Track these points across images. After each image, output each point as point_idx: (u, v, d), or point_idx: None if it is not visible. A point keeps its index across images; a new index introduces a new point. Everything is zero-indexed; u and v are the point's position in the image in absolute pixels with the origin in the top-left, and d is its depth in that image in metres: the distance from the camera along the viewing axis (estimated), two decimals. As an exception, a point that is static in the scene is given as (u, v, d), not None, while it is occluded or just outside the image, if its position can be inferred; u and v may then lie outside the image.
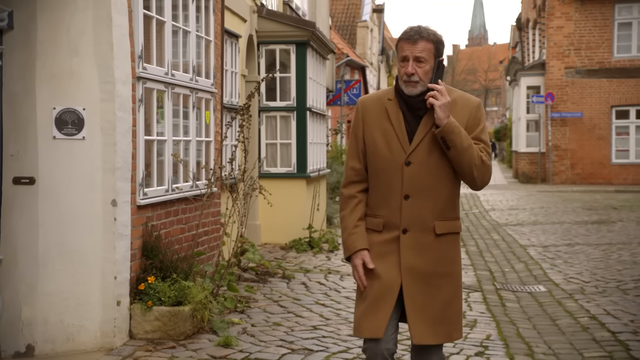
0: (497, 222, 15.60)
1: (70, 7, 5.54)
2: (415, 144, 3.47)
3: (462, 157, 3.42)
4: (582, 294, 8.17)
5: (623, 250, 11.23)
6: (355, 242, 3.52)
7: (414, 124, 3.50)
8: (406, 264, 3.46)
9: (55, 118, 5.55)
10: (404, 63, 3.47)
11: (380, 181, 3.54)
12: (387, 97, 3.57)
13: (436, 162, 3.45)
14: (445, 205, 3.51)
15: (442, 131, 3.40)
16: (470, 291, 8.39)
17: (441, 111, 3.39)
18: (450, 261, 3.54)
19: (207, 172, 7.34)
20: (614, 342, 6.16)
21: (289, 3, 13.79)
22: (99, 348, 5.60)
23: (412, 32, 3.45)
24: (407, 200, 3.47)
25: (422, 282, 3.47)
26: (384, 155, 3.51)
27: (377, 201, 3.56)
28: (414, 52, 3.43)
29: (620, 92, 26.57)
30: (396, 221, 3.48)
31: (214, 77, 7.78)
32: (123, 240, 5.71)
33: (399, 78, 3.52)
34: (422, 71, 3.44)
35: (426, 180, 3.46)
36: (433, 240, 3.48)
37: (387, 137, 3.51)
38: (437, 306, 3.48)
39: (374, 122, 3.55)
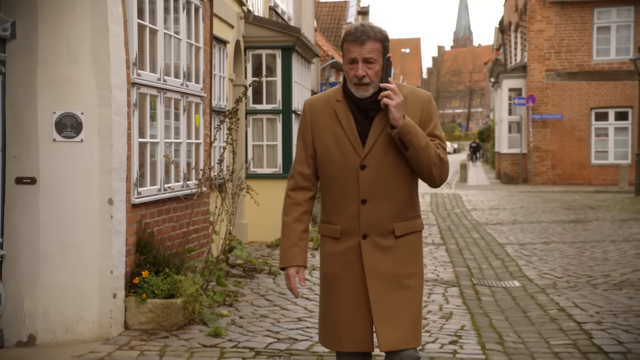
0: (477, 221, 16.02)
1: (69, 16, 5.90)
2: (369, 146, 3.34)
3: (421, 157, 3.30)
4: (554, 289, 8.58)
5: (596, 248, 11.67)
6: (295, 257, 3.45)
7: (365, 125, 3.37)
8: (370, 270, 3.36)
9: (55, 122, 5.91)
10: (353, 65, 3.31)
11: (335, 187, 3.42)
12: (335, 99, 3.42)
13: (392, 164, 3.34)
14: (404, 206, 3.41)
15: (399, 132, 3.26)
16: (448, 286, 8.78)
17: (397, 111, 3.26)
18: (414, 261, 3.45)
19: (197, 173, 7.71)
20: (579, 331, 6.57)
21: (275, 8, 14.16)
22: (97, 338, 5.96)
23: (358, 33, 3.28)
24: (365, 204, 3.36)
25: (388, 286, 3.37)
26: (337, 160, 3.38)
27: (333, 207, 3.44)
28: (363, 54, 3.27)
29: (600, 95, 27.12)
30: (355, 227, 3.38)
31: (203, 81, 8.15)
32: (119, 237, 6.07)
33: (348, 81, 3.36)
34: (372, 72, 3.30)
35: (383, 183, 3.35)
36: (394, 243, 3.39)
37: (339, 141, 3.38)
38: (407, 309, 3.39)
39: (323, 126, 3.42)
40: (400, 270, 3.38)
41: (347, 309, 3.38)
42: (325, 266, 3.49)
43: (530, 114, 27.60)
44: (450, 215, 17.35)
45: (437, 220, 16.21)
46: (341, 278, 3.40)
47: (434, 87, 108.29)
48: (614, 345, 6.06)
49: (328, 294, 3.46)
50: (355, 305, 3.37)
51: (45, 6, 5.84)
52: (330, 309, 3.44)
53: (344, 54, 3.33)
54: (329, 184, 3.43)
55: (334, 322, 3.42)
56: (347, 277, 3.39)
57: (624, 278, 9.11)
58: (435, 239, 13.10)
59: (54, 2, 5.86)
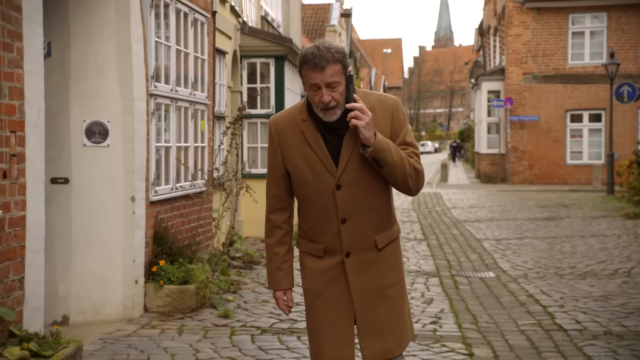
0: (457, 218, 16.91)
1: (97, 37, 6.71)
2: (342, 166, 3.25)
3: (396, 172, 3.24)
4: (525, 279, 9.48)
5: (565, 243, 12.60)
6: (282, 281, 3.45)
7: (336, 144, 3.26)
8: (355, 287, 3.33)
9: (85, 129, 6.73)
10: (316, 92, 3.18)
11: (312, 208, 3.34)
12: (301, 118, 3.30)
13: (367, 180, 3.27)
14: (382, 217, 3.37)
15: (372, 152, 3.17)
16: (429, 277, 9.66)
17: (366, 131, 3.14)
18: (395, 268, 3.42)
19: (202, 173, 8.54)
20: (544, 313, 7.47)
21: (266, 17, 15.00)
22: (121, 319, 6.79)
23: (316, 60, 3.14)
24: (345, 224, 3.29)
25: (375, 298, 3.36)
26: (311, 182, 3.29)
27: (313, 227, 3.38)
28: (325, 79, 3.14)
29: (574, 97, 28.14)
30: (337, 246, 3.32)
31: (208, 90, 8.98)
32: (140, 230, 6.90)
33: (314, 106, 3.23)
34: (337, 94, 3.18)
35: (361, 200, 3.29)
36: (376, 255, 3.36)
37: (311, 163, 3.27)
38: (391, 318, 3.38)
39: (292, 147, 3.30)
40: (383, 281, 3.36)
41: (329, 326, 3.35)
42: (307, 281, 3.43)
43: (508, 115, 28.58)
44: (431, 213, 18.23)
45: (419, 218, 17.09)
46: (322, 295, 3.36)
47: (415, 86, 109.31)
48: (573, 324, 6.96)
49: (310, 309, 3.42)
50: (336, 321, 3.35)
51: (77, 28, 6.66)
52: (312, 325, 3.41)
53: (304, 80, 3.22)
54: (306, 205, 3.35)
55: (315, 338, 3.40)
56: (330, 293, 3.35)
57: (588, 269, 10.03)
58: (417, 235, 13.97)
59: (85, 25, 6.68)
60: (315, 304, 3.38)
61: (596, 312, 7.44)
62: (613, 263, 10.44)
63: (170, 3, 7.68)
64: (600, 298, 8.11)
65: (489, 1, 36.12)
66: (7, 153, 4.86)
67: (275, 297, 3.48)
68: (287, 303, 3.47)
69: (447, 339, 6.44)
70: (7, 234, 4.87)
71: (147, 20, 7.09)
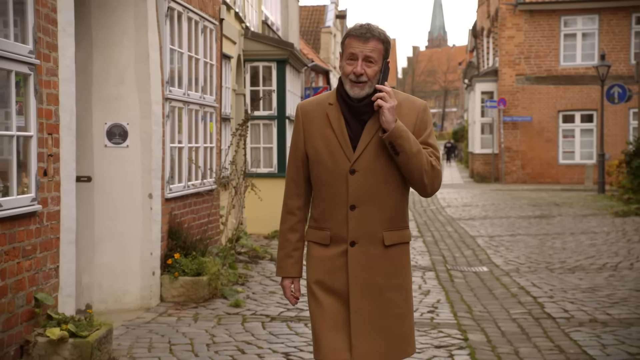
0: (451, 217, 17.42)
1: (117, 46, 7.20)
2: (359, 151, 3.26)
3: (412, 163, 3.23)
4: (517, 272, 9.98)
5: (556, 239, 13.12)
6: (290, 268, 3.43)
7: (357, 129, 3.29)
8: (354, 278, 3.29)
9: (107, 131, 7.21)
10: (352, 62, 3.22)
11: (324, 192, 3.33)
12: (328, 102, 3.34)
13: (383, 169, 3.28)
14: (393, 215, 3.33)
15: (390, 135, 3.19)
16: (426, 271, 10.16)
17: (390, 114, 3.18)
18: (401, 273, 3.36)
19: (211, 172, 9.03)
20: (534, 303, 7.98)
21: (266, 21, 15.49)
22: (139, 307, 7.27)
23: (363, 30, 3.21)
24: (354, 210, 3.27)
25: (373, 297, 3.30)
26: (327, 164, 3.30)
27: (323, 213, 3.35)
28: (365, 51, 3.20)
29: (566, 98, 28.71)
30: (343, 233, 3.29)
31: (216, 93, 9.47)
32: (156, 225, 7.39)
33: (344, 77, 3.27)
34: (371, 72, 3.22)
35: (373, 189, 3.28)
36: (382, 252, 3.30)
37: (330, 145, 3.29)
38: (390, 322, 3.30)
39: (315, 129, 3.33)
40: (385, 281, 3.31)
41: (328, 317, 3.30)
42: (311, 272, 3.39)
43: (502, 116, 29.12)
44: (426, 212, 18.75)
45: (415, 216, 17.60)
46: (325, 284, 3.33)
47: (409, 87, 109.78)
48: (561, 313, 7.47)
49: (313, 300, 3.36)
50: (336, 313, 3.30)
51: (98, 38, 7.14)
52: (313, 314, 3.35)
53: (344, 50, 3.26)
54: (319, 189, 3.36)
55: (315, 327, 3.34)
56: (332, 284, 3.32)
57: (578, 264, 10.54)
58: (414, 232, 14.48)
59: (106, 34, 7.16)
60: (316, 292, 3.33)
61: (583, 302, 7.96)
62: (601, 258, 10.96)
63: (182, 12, 8.17)
64: (588, 290, 8.63)
65: (483, 3, 36.69)
66: (46, 153, 5.34)
67: (283, 286, 3.46)
68: (293, 293, 3.46)
69: (444, 326, 6.94)
70: (45, 226, 5.35)
71: (163, 29, 7.57)
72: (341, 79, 3.29)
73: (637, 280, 9.20)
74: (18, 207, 4.93)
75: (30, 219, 5.13)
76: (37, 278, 5.24)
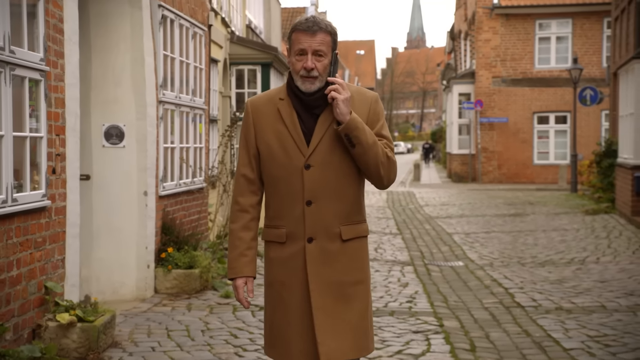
0: (429, 215, 17.96)
1: (114, 51, 7.64)
2: (313, 145, 3.22)
3: (368, 155, 3.20)
4: (490, 267, 10.52)
5: (529, 236, 13.69)
6: (244, 267, 3.30)
7: (310, 123, 3.24)
8: (314, 276, 3.23)
9: (104, 132, 7.65)
10: (301, 57, 3.18)
11: (279, 188, 3.26)
12: (279, 97, 3.28)
13: (338, 163, 3.24)
14: (350, 208, 3.29)
15: (346, 127, 3.15)
16: (404, 265, 10.68)
17: (344, 105, 3.13)
18: (360, 268, 3.32)
19: (201, 171, 9.49)
20: (505, 294, 8.52)
21: (250, 25, 15.96)
22: (135, 298, 7.72)
23: (309, 23, 3.15)
24: (310, 206, 3.22)
25: (333, 293, 3.25)
26: (281, 160, 3.24)
27: (278, 210, 3.29)
28: (313, 45, 3.15)
29: (541, 100, 29.40)
30: (300, 230, 3.23)
31: (205, 96, 9.93)
32: (151, 221, 7.84)
33: (294, 73, 3.22)
34: (321, 65, 3.18)
35: (329, 183, 3.23)
36: (340, 247, 3.26)
37: (282, 141, 3.24)
38: (351, 318, 3.27)
39: (266, 125, 3.27)
40: (345, 277, 3.27)
41: (295, 318, 3.25)
42: (271, 273, 3.33)
43: (479, 117, 29.76)
44: (405, 210, 19.28)
45: (394, 215, 18.13)
46: (288, 285, 3.26)
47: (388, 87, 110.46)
48: (530, 302, 8.01)
49: (275, 303, 3.30)
50: (302, 313, 3.24)
51: (97, 44, 7.58)
52: (279, 318, 3.29)
53: (291, 45, 3.21)
54: (273, 186, 3.29)
55: (282, 332, 3.28)
56: (294, 283, 3.25)
57: (548, 258, 11.11)
58: (393, 230, 15.00)
59: (104, 41, 7.60)
60: (282, 295, 3.27)
61: (550, 292, 8.51)
62: (570, 253, 11.53)
63: (175, 20, 8.62)
64: (556, 282, 9.18)
65: (460, 6, 37.36)
66: (54, 153, 5.78)
67: (235, 286, 3.31)
68: (247, 295, 3.32)
69: (421, 314, 7.45)
70: (54, 221, 5.79)
71: (157, 35, 8.02)
72: (291, 74, 3.26)
73: (601, 272, 9.78)
74: (31, 202, 5.37)
75: (41, 214, 5.58)
76: (46, 268, 5.68)
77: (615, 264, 10.41)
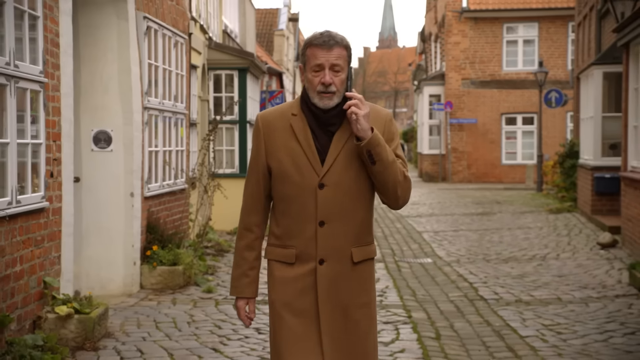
0: (400, 214, 18.52)
1: (102, 61, 8.10)
2: (328, 164, 3.13)
3: (388, 172, 3.12)
4: (457, 263, 11.11)
5: (495, 234, 14.32)
6: (246, 288, 3.28)
7: (324, 141, 3.15)
8: (324, 299, 3.17)
9: (93, 137, 8.12)
10: (318, 73, 3.10)
11: (290, 208, 3.17)
12: (291, 112, 3.19)
13: (352, 183, 3.16)
14: (361, 230, 3.21)
15: (369, 144, 3.05)
16: (376, 262, 11.21)
17: (365, 121, 3.05)
18: (367, 290, 3.26)
19: (182, 173, 9.98)
20: (470, 288, 9.11)
21: (226, 30, 16.44)
22: (122, 293, 8.19)
23: (325, 38, 3.10)
24: (323, 227, 3.14)
25: (341, 316, 3.19)
26: (294, 179, 3.15)
27: (288, 230, 3.19)
28: (330, 60, 3.09)
29: (509, 102, 30.17)
30: (311, 251, 3.15)
31: (185, 101, 10.41)
32: (137, 221, 8.31)
33: (311, 89, 3.13)
34: (338, 80, 3.10)
35: (342, 204, 3.15)
36: (351, 269, 3.19)
37: (295, 159, 3.14)
38: (357, 340, 3.22)
39: (278, 141, 3.17)
40: (352, 300, 3.21)
41: (297, 339, 3.18)
42: (276, 293, 3.22)
43: (448, 118, 30.46)
44: (377, 210, 19.84)
45: (366, 213, 18.68)
46: (293, 306, 3.18)
47: (360, 87, 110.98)
48: (492, 295, 8.61)
49: (279, 323, 3.21)
50: (305, 335, 3.17)
51: (86, 54, 8.04)
52: (281, 339, 3.20)
53: (307, 61, 3.13)
54: (283, 204, 3.20)
55: (281, 353, 3.21)
56: (300, 304, 3.18)
57: (511, 255, 11.73)
58: (364, 228, 15.54)
59: (92, 51, 8.06)
60: (283, 316, 3.18)
61: (512, 286, 9.12)
62: (532, 250, 12.17)
63: (158, 30, 9.10)
64: (517, 276, 9.80)
65: (430, 9, 38.04)
66: (51, 158, 6.25)
67: (237, 307, 3.31)
68: (248, 314, 3.32)
69: (391, 306, 8.01)
70: (51, 220, 6.26)
71: (142, 45, 8.49)
72: (305, 90, 3.17)
73: (560, 268, 10.42)
74: (32, 204, 5.84)
75: (40, 214, 6.04)
76: (45, 264, 6.15)
77: (574, 260, 11.06)
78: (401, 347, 6.37)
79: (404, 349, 6.32)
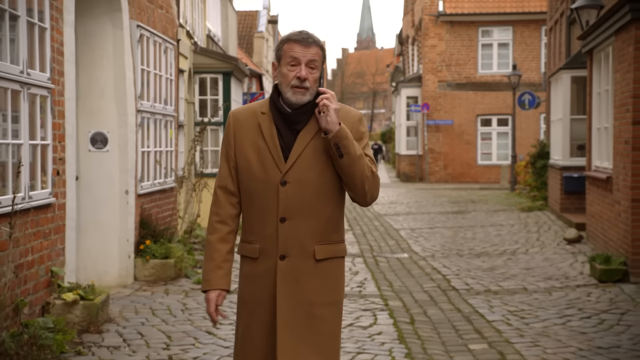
0: (378, 213, 19.16)
1: (99, 67, 8.64)
2: (291, 161, 3.17)
3: (355, 166, 3.14)
4: (432, 258, 11.75)
5: (468, 231, 14.98)
6: (218, 280, 3.25)
7: (289, 139, 3.20)
8: (283, 294, 3.17)
9: (90, 138, 8.65)
10: (294, 67, 3.15)
11: (254, 203, 3.22)
12: (261, 111, 3.25)
13: (316, 180, 3.18)
14: (326, 227, 3.22)
15: (336, 136, 3.10)
16: (355, 257, 11.84)
17: (335, 115, 3.11)
18: (333, 289, 3.25)
19: (172, 172, 10.53)
20: (443, 279, 9.74)
21: (210, 34, 16.99)
22: (117, 285, 8.73)
23: (304, 35, 3.17)
24: (284, 223, 3.16)
25: (301, 314, 3.18)
26: (258, 175, 3.20)
27: (252, 225, 3.24)
28: (307, 56, 3.14)
29: (484, 103, 30.95)
30: (273, 247, 3.18)
31: (174, 104, 10.96)
32: (131, 217, 8.85)
33: (284, 84, 3.17)
34: (312, 78, 3.16)
35: (305, 201, 3.17)
36: (313, 267, 3.19)
37: (261, 155, 3.19)
38: (320, 339, 3.20)
39: (246, 139, 3.24)
40: (316, 297, 3.21)
41: (262, 336, 3.21)
42: (244, 289, 3.28)
43: (425, 119, 31.17)
44: (356, 209, 20.44)
45: (345, 213, 19.23)
46: (261, 301, 3.21)
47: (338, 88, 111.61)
48: (463, 286, 9.25)
49: (248, 318, 3.25)
50: (269, 332, 3.20)
51: (83, 60, 8.58)
52: (251, 334, 3.23)
53: (283, 55, 3.17)
54: (248, 200, 3.25)
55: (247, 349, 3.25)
56: (264, 300, 3.21)
57: (483, 250, 12.39)
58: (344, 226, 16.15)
59: (89, 57, 8.60)
60: (255, 311, 3.23)
61: (482, 278, 9.76)
62: (503, 246, 12.84)
63: (150, 37, 9.65)
64: (487, 269, 10.45)
65: (408, 12, 38.77)
66: (57, 157, 6.79)
67: (208, 299, 3.26)
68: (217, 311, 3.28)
69: (369, 296, 8.62)
70: (57, 215, 6.80)
71: (135, 52, 9.04)
72: (277, 87, 3.22)
73: (528, 262, 11.10)
74: (42, 199, 6.39)
75: (48, 209, 6.59)
76: (52, 255, 6.69)
77: (541, 255, 11.74)
78: (378, 330, 6.98)
79: (381, 332, 6.93)
